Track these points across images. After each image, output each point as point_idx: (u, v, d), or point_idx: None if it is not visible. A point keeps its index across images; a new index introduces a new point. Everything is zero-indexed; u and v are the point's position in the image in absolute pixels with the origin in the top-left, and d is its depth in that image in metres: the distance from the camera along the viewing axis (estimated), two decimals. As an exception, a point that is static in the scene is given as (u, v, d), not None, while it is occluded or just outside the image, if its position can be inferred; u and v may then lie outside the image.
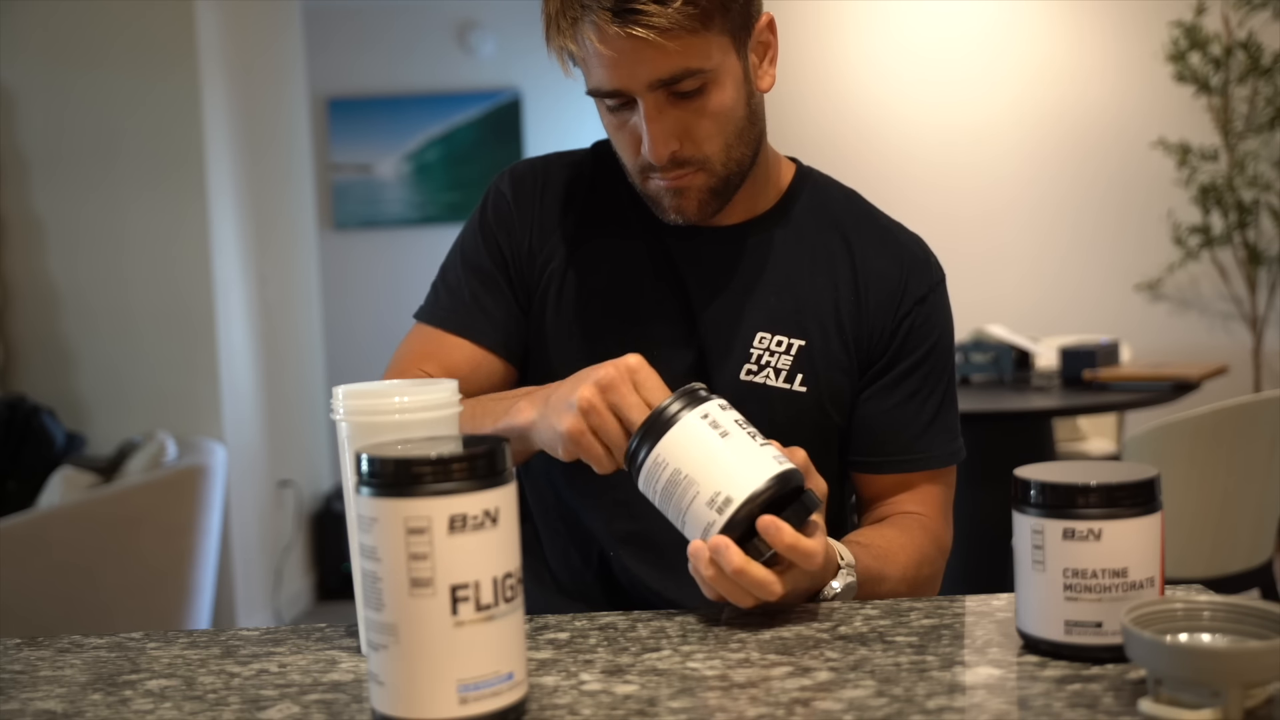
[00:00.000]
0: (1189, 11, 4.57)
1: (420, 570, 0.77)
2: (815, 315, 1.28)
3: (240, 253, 4.08)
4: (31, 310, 3.82)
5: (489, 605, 0.79)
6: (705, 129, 1.18)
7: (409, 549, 0.78)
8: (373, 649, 0.80)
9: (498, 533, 0.79)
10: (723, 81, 1.18)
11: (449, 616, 0.78)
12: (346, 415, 0.95)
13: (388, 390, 0.96)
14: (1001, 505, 0.96)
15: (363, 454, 0.80)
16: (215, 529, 3.37)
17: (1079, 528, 0.87)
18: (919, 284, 1.30)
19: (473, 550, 0.78)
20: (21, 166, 3.80)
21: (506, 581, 0.80)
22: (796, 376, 1.26)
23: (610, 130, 1.23)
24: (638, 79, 1.15)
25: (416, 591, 0.78)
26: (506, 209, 1.33)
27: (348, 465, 0.94)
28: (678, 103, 1.17)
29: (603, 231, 1.31)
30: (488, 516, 0.79)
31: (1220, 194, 4.50)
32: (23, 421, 3.41)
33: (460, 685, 0.78)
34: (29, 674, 0.99)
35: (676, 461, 0.99)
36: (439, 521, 0.77)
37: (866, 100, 4.83)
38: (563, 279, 1.30)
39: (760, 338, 1.27)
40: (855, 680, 0.86)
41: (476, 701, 0.78)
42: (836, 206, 1.34)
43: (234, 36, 4.08)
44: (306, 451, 4.75)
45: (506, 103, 6.09)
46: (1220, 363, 3.51)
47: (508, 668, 0.80)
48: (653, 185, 1.22)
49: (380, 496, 0.78)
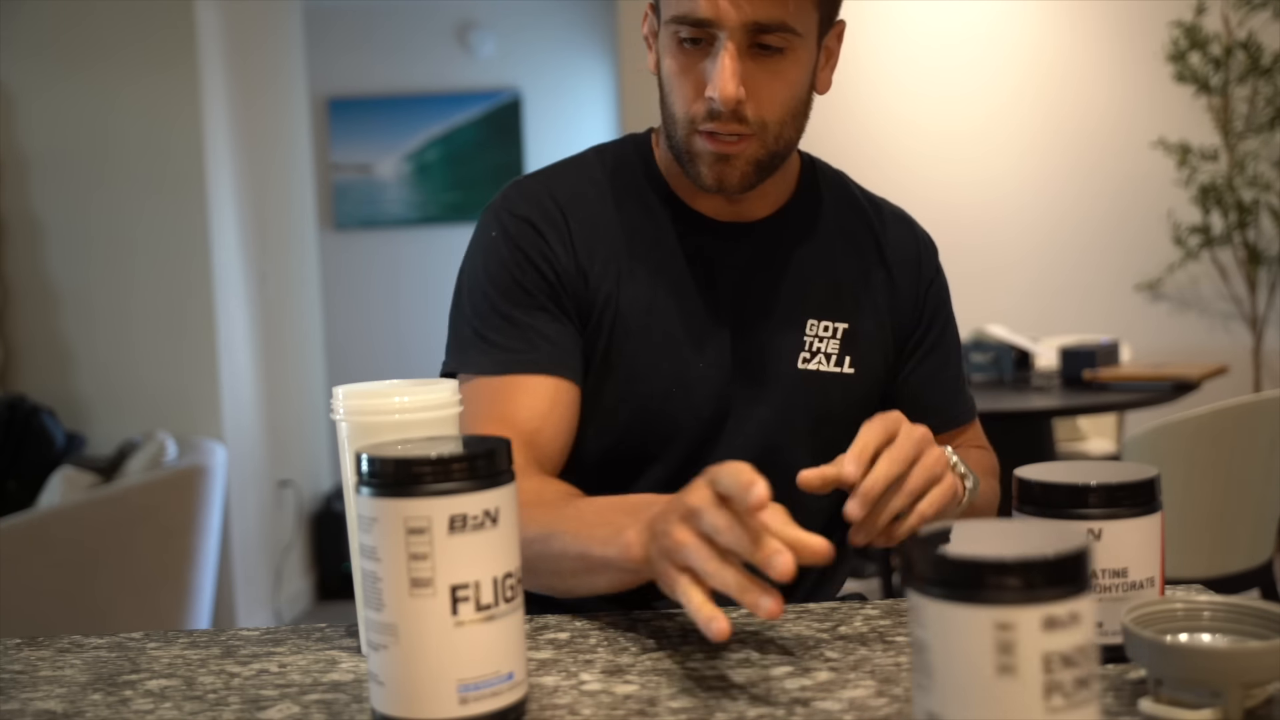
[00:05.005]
0: (1189, 11, 4.57)
1: (420, 570, 0.77)
2: (854, 297, 1.30)
3: (240, 253, 4.07)
4: (31, 310, 3.82)
5: (489, 605, 0.78)
6: (773, 93, 1.17)
7: (409, 549, 0.77)
8: (373, 649, 0.80)
9: (498, 533, 0.79)
10: (800, 55, 1.17)
11: (449, 616, 0.77)
12: (346, 415, 0.94)
13: (387, 390, 0.96)
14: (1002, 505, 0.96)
15: (363, 454, 0.80)
16: (215, 529, 3.37)
17: (1079, 528, 0.87)
18: (932, 256, 1.37)
19: (473, 550, 0.78)
20: (21, 166, 3.80)
21: (507, 581, 0.79)
22: (845, 359, 1.28)
23: (672, 73, 1.19)
24: (740, 11, 1.12)
25: (416, 591, 0.77)
26: (535, 235, 1.25)
27: (348, 465, 0.94)
28: (756, 56, 1.15)
29: (640, 239, 1.27)
30: (488, 516, 0.78)
31: (1220, 194, 4.50)
32: (23, 421, 3.41)
33: (460, 685, 0.78)
34: (29, 674, 0.99)
35: None
36: (439, 521, 0.77)
37: (866, 100, 4.83)
38: (616, 298, 1.25)
39: (810, 324, 1.28)
40: (855, 680, 0.86)
41: (477, 701, 0.78)
42: (848, 189, 1.37)
43: (234, 36, 4.08)
44: (306, 451, 4.75)
45: (506, 103, 6.09)
46: (1220, 363, 3.51)
47: (508, 668, 0.80)
48: (698, 144, 1.19)
49: (380, 496, 0.78)
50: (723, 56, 1.13)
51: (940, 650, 0.65)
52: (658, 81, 1.24)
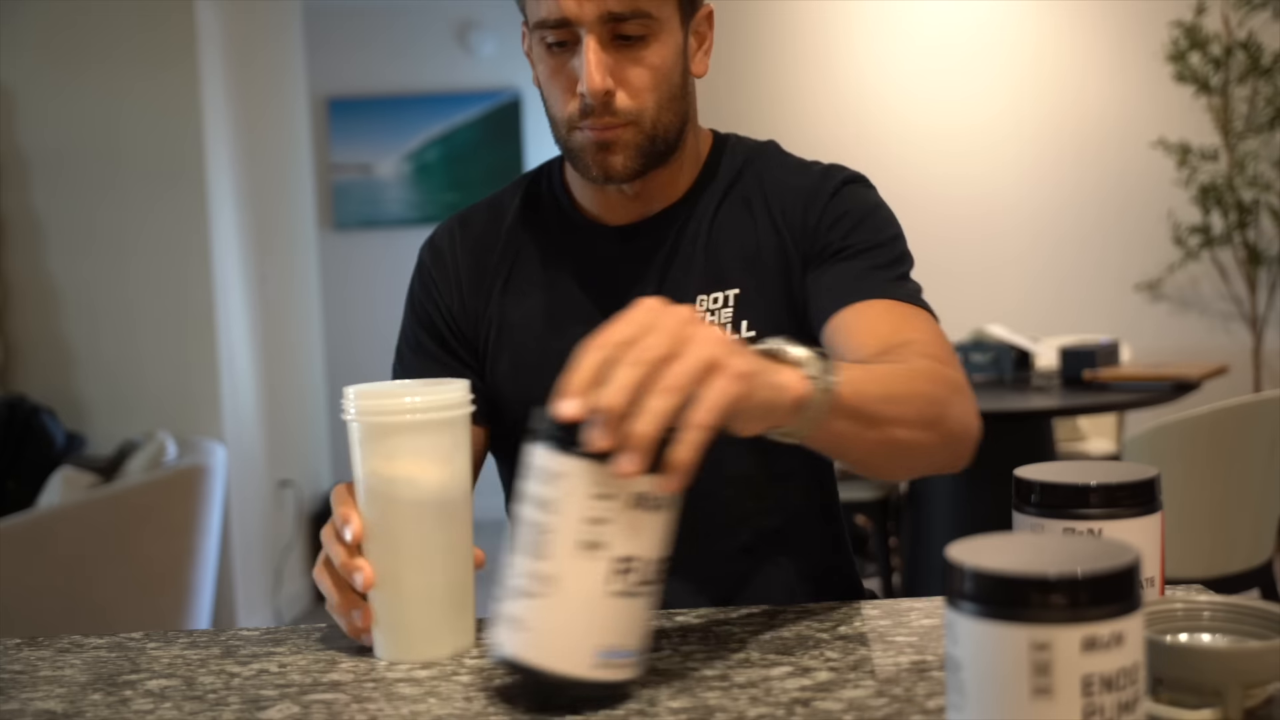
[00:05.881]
0: (1189, 11, 4.57)
1: (596, 534, 0.79)
2: (743, 261, 1.28)
3: (240, 252, 4.08)
4: (31, 310, 3.82)
5: (644, 582, 0.82)
6: (641, 80, 1.20)
7: (591, 511, 0.79)
8: (521, 594, 0.82)
9: (669, 518, 0.83)
10: (664, 39, 1.20)
11: (608, 583, 0.80)
12: (358, 416, 0.95)
13: (399, 390, 0.96)
14: (1001, 505, 0.96)
15: (544, 410, 0.81)
16: (215, 529, 3.37)
17: (1079, 528, 0.87)
18: (827, 183, 1.28)
19: (647, 528, 0.81)
20: (22, 166, 3.80)
21: (659, 566, 0.83)
22: (742, 323, 1.26)
23: (545, 76, 1.23)
24: (591, 6, 1.16)
25: (586, 553, 0.80)
26: (428, 277, 1.35)
27: (359, 467, 0.96)
28: (620, 47, 1.18)
29: (532, 257, 1.32)
30: (664, 500, 0.81)
31: (1220, 194, 4.50)
32: (23, 421, 3.41)
33: (598, 650, 0.81)
34: (29, 674, 0.99)
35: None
36: (626, 494, 0.79)
37: (866, 101, 4.83)
38: (500, 321, 1.31)
39: (700, 300, 1.27)
40: (855, 680, 0.86)
41: (606, 668, 0.82)
42: (749, 156, 1.34)
43: (234, 36, 4.08)
44: (306, 451, 4.75)
45: (506, 103, 6.09)
46: (1220, 363, 3.51)
47: (638, 645, 0.84)
48: (579, 138, 1.22)
49: (571, 455, 0.80)
50: (586, 53, 1.17)
51: (974, 669, 0.63)
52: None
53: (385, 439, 0.94)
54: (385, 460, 0.94)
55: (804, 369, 0.88)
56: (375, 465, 0.95)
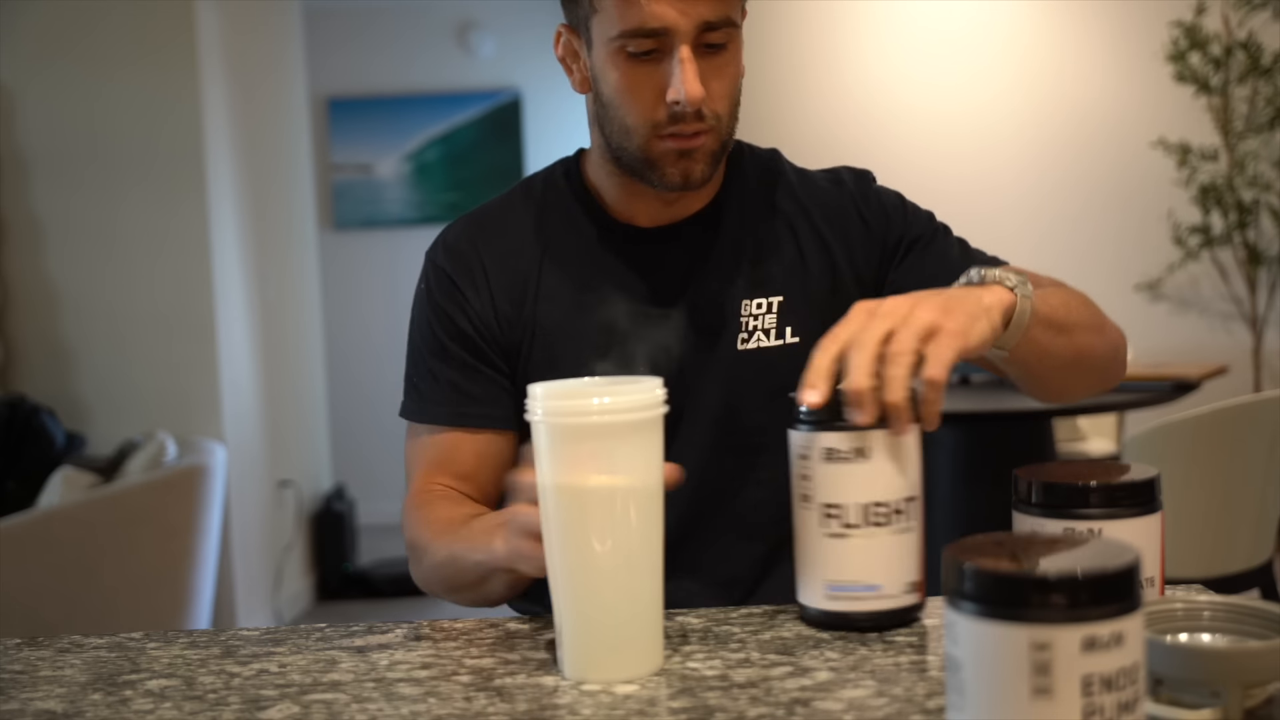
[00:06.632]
0: (1189, 11, 4.57)
1: (804, 488, 0.97)
2: (786, 268, 1.30)
3: (240, 253, 4.08)
4: (31, 310, 3.82)
5: (855, 525, 0.94)
6: (723, 87, 1.21)
7: (798, 470, 0.97)
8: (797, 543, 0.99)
9: (867, 467, 0.94)
10: (738, 45, 1.22)
11: (819, 527, 0.95)
12: (545, 416, 0.90)
13: (586, 390, 0.92)
14: (1002, 505, 0.96)
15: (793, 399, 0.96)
16: (215, 529, 3.37)
17: (1079, 527, 0.87)
18: (863, 188, 1.35)
19: (840, 478, 0.94)
20: (21, 166, 3.80)
21: (879, 509, 0.94)
22: (786, 330, 1.28)
23: (625, 86, 1.20)
24: (690, 16, 1.15)
25: (801, 504, 0.97)
26: (449, 284, 1.30)
27: (546, 469, 0.90)
28: (705, 55, 1.19)
29: (563, 259, 1.30)
30: (857, 453, 0.94)
31: (1220, 194, 4.50)
32: (23, 421, 3.41)
33: (828, 585, 0.96)
34: (29, 674, 0.99)
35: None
36: (817, 451, 0.95)
37: (866, 101, 4.83)
38: (535, 325, 1.29)
39: (744, 305, 1.28)
40: (855, 680, 0.86)
41: (842, 600, 0.96)
42: (778, 166, 1.37)
43: (234, 37, 4.08)
44: (306, 451, 4.75)
45: (506, 103, 6.09)
46: (1220, 363, 3.51)
47: (876, 580, 0.95)
48: (661, 147, 1.21)
49: (815, 431, 0.95)
50: (683, 61, 1.17)
51: (974, 669, 0.63)
52: (590, 99, 1.27)
53: (575, 443, 0.89)
54: (578, 466, 0.89)
55: (1006, 284, 1.04)
56: (566, 472, 0.89)
